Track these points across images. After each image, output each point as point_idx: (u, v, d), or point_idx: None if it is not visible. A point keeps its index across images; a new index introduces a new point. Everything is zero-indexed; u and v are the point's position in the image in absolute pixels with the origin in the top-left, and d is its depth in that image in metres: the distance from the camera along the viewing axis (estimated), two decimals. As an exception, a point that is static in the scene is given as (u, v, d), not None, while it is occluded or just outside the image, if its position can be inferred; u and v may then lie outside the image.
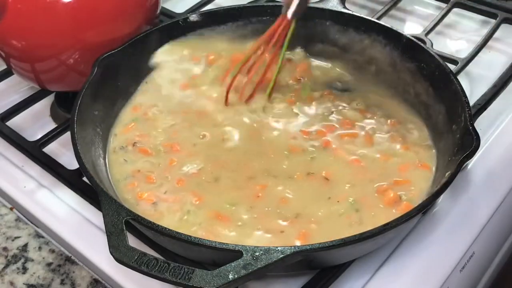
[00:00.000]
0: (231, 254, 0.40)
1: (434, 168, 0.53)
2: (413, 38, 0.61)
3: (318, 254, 0.42)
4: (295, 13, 0.58)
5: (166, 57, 0.65)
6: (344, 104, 0.61)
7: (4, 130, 0.62)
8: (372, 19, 0.65)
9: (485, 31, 0.72)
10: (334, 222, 0.49)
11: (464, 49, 0.73)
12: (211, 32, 0.67)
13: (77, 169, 0.56)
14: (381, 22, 0.65)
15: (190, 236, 0.42)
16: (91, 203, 0.55)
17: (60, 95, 0.68)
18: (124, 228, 0.42)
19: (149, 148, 0.57)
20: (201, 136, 0.58)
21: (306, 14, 0.66)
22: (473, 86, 0.67)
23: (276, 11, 0.61)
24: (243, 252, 0.40)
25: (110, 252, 0.40)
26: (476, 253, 0.52)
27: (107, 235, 0.41)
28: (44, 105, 0.68)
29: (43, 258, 0.53)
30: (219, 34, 0.67)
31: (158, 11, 0.67)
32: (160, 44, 0.65)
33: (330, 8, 0.66)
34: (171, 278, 0.39)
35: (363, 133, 0.58)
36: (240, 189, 0.52)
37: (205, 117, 0.60)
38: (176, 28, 0.66)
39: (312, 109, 0.61)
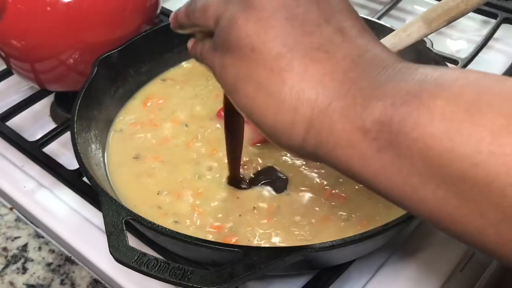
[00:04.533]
0: (231, 254, 0.40)
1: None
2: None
3: (318, 254, 0.42)
4: None
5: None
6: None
7: (4, 130, 0.62)
8: (373, 19, 0.65)
9: (485, 31, 0.72)
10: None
11: (464, 49, 0.73)
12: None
13: (77, 169, 0.56)
14: (381, 22, 0.65)
15: (190, 236, 0.42)
16: (91, 203, 0.55)
17: (60, 95, 0.68)
18: (124, 228, 0.42)
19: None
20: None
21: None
22: (474, 86, 0.67)
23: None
24: (243, 252, 0.40)
25: (110, 252, 0.40)
26: (476, 253, 0.52)
27: (107, 235, 0.41)
28: (44, 105, 0.68)
29: (43, 258, 0.53)
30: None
31: (158, 11, 0.67)
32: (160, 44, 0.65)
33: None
34: (171, 278, 0.39)
35: None
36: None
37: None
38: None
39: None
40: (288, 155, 0.55)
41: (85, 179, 0.54)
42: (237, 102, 0.36)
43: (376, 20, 0.65)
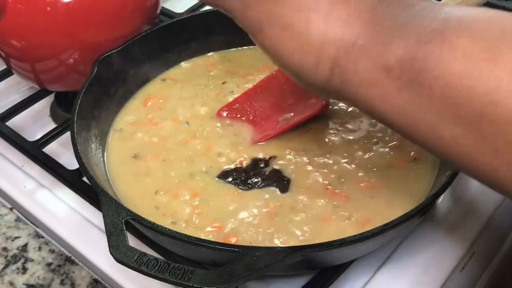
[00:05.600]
0: (231, 254, 0.40)
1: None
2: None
3: (318, 254, 0.42)
4: None
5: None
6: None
7: (4, 130, 0.62)
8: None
9: (485, 31, 0.72)
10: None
11: (464, 49, 0.73)
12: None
13: (77, 169, 0.56)
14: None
15: (190, 236, 0.42)
16: (91, 203, 0.55)
17: (60, 95, 0.68)
18: (124, 228, 0.42)
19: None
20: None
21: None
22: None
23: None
24: (243, 252, 0.40)
25: (110, 252, 0.40)
26: (476, 253, 0.52)
27: (107, 235, 0.41)
28: (44, 105, 0.68)
29: (43, 258, 0.53)
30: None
31: (158, 11, 0.67)
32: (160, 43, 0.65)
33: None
34: (171, 278, 0.39)
35: None
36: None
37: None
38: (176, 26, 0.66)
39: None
40: (292, 153, 0.55)
41: (85, 179, 0.54)
42: (262, 42, 0.35)
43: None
